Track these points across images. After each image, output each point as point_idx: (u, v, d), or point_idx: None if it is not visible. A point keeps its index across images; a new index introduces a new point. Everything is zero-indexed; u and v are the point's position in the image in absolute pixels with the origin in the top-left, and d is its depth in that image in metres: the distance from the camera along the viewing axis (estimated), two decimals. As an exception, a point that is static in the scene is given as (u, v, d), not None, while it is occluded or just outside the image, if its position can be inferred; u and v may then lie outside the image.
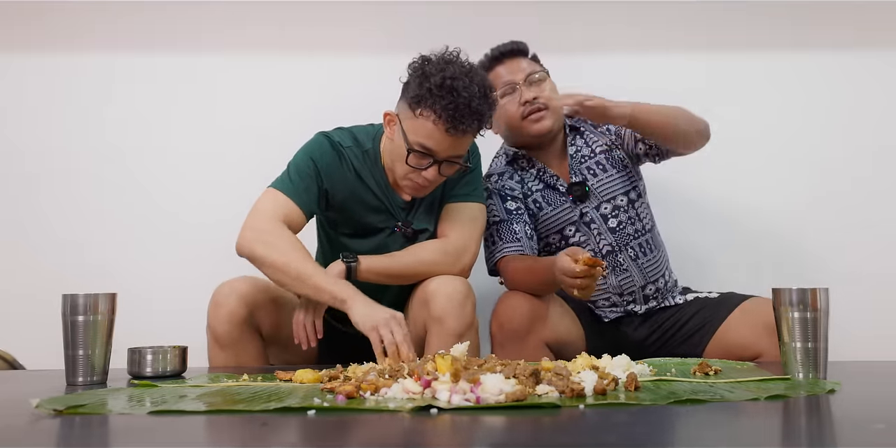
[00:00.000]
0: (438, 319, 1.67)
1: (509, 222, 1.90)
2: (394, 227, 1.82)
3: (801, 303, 1.34)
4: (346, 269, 1.70)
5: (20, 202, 2.39)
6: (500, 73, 1.92)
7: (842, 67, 2.43)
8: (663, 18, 2.42)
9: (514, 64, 1.92)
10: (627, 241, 1.92)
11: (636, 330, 1.92)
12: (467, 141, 1.69)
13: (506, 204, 1.92)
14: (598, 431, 0.94)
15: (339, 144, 1.79)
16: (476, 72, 1.66)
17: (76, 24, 2.43)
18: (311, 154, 1.77)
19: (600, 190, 1.93)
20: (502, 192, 1.94)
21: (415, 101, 1.64)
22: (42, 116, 2.42)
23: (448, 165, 1.70)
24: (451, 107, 1.59)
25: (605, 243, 1.91)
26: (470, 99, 1.60)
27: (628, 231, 1.92)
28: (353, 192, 1.79)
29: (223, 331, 1.67)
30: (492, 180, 1.98)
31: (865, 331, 2.23)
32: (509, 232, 1.89)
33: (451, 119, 1.60)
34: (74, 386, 1.38)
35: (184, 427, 1.00)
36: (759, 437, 0.93)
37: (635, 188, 1.97)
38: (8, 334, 2.13)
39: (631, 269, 1.91)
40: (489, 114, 1.66)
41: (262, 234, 1.66)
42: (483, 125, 1.67)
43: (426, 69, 1.64)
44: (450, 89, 1.60)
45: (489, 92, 1.66)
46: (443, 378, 1.13)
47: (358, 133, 1.83)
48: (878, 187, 2.40)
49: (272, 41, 2.44)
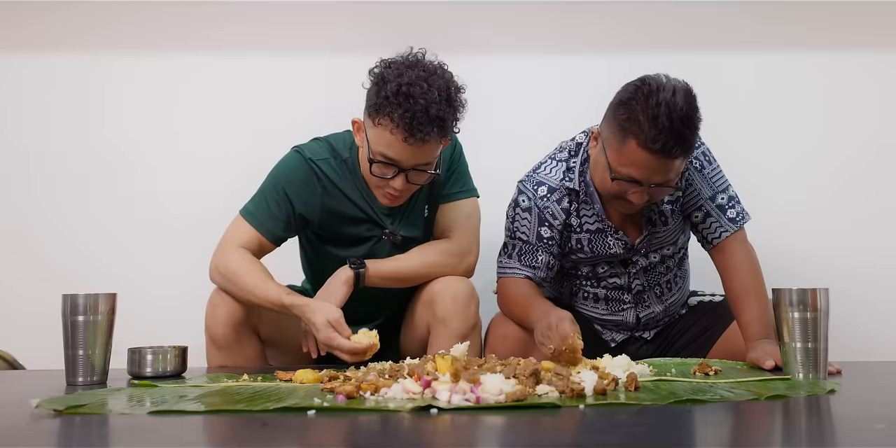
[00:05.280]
0: (443, 321, 1.67)
1: (535, 249, 1.75)
2: (381, 235, 1.77)
3: (801, 303, 1.34)
4: (354, 276, 1.68)
5: (20, 202, 2.38)
6: (648, 162, 1.54)
7: (840, 67, 2.43)
8: (662, 19, 2.41)
9: (668, 164, 1.55)
10: (658, 281, 1.84)
11: (640, 348, 1.89)
12: (431, 148, 1.59)
13: (541, 229, 1.75)
14: (598, 431, 0.94)
15: (312, 160, 1.72)
16: (439, 75, 1.57)
17: (76, 24, 2.42)
18: (280, 179, 1.72)
19: (655, 242, 1.80)
20: (542, 215, 1.75)
21: (373, 109, 1.57)
22: (42, 116, 2.42)
23: (416, 174, 1.62)
24: (408, 115, 1.52)
25: (637, 283, 1.82)
26: (428, 105, 1.52)
27: (660, 270, 1.84)
28: (331, 208, 1.74)
29: (221, 333, 1.67)
30: (538, 193, 1.75)
31: (865, 331, 2.24)
32: (531, 257, 1.76)
33: (408, 128, 1.52)
34: (74, 386, 1.38)
35: (184, 427, 1.00)
36: (759, 437, 0.93)
37: (684, 233, 1.84)
38: (8, 334, 2.13)
39: (654, 305, 1.85)
40: (452, 118, 1.58)
41: (218, 266, 1.68)
42: (447, 131, 1.58)
43: (384, 75, 1.57)
44: (406, 96, 1.52)
45: (454, 94, 1.57)
46: (443, 378, 1.13)
47: (335, 142, 1.77)
48: (879, 187, 2.39)
49: (272, 41, 2.44)
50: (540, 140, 2.02)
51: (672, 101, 1.50)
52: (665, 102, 1.49)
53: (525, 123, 2.41)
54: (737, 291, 1.68)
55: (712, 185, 1.75)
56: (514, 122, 2.41)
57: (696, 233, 1.78)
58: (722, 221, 1.73)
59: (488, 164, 2.08)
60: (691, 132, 1.53)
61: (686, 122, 1.51)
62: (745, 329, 1.63)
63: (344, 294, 1.66)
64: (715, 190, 1.75)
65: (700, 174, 1.74)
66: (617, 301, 1.85)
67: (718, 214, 1.73)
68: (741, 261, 1.71)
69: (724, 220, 1.73)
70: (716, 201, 1.74)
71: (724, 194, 1.75)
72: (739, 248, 1.72)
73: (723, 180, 1.76)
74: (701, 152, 1.75)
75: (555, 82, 2.43)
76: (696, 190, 1.75)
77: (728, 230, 1.72)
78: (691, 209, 1.76)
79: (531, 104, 2.43)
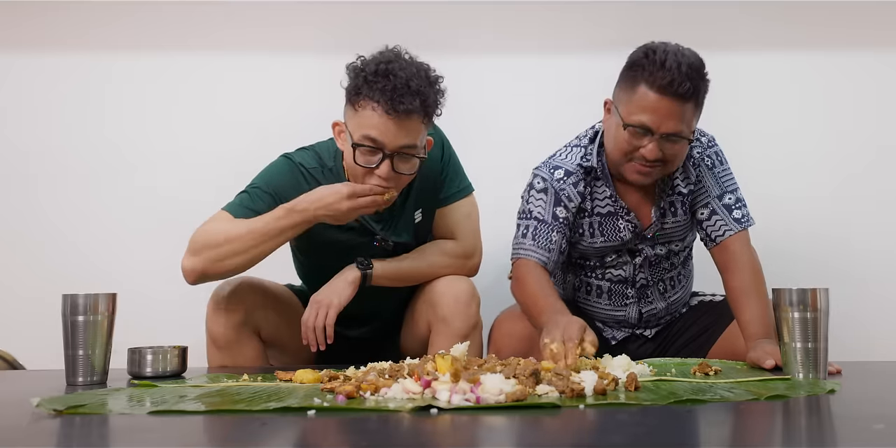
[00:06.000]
0: (444, 320, 1.67)
1: (550, 228, 1.74)
2: (372, 241, 1.75)
3: (801, 303, 1.34)
4: (361, 276, 1.67)
5: (20, 202, 2.39)
6: (659, 106, 1.57)
7: (839, 67, 2.43)
8: (662, 19, 2.41)
9: (678, 108, 1.57)
10: (662, 276, 1.85)
11: (641, 347, 1.89)
12: (413, 126, 1.55)
13: (556, 208, 1.75)
14: (598, 431, 0.94)
15: (302, 165, 1.71)
16: (417, 61, 1.58)
17: (76, 24, 2.42)
18: (269, 181, 1.70)
19: (664, 233, 1.80)
20: (559, 195, 1.75)
21: (353, 93, 1.57)
22: (42, 116, 2.42)
23: (401, 159, 1.58)
24: (389, 88, 1.51)
25: (642, 277, 1.83)
26: (408, 79, 1.52)
27: (664, 266, 1.85)
28: None
29: (221, 332, 1.67)
30: (555, 175, 1.76)
31: (865, 331, 2.24)
32: (546, 238, 1.73)
33: (389, 100, 1.51)
34: (74, 386, 1.38)
35: (184, 427, 1.00)
36: (759, 437, 0.93)
37: (692, 231, 1.85)
38: (8, 334, 2.13)
39: (656, 301, 1.86)
40: (434, 97, 1.56)
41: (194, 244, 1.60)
42: (429, 108, 1.56)
43: (360, 64, 1.58)
44: (384, 73, 1.52)
45: (433, 77, 1.58)
46: (443, 378, 1.13)
47: (321, 151, 1.75)
48: (879, 187, 2.40)
49: (273, 41, 2.44)
50: (537, 139, 2.02)
51: (679, 50, 1.58)
52: (672, 51, 1.57)
53: (523, 123, 2.41)
54: (737, 290, 1.68)
55: (721, 184, 1.77)
56: (513, 121, 2.41)
57: (701, 230, 1.79)
58: (727, 220, 1.74)
59: (484, 163, 2.08)
60: (699, 77, 1.57)
61: (694, 67, 1.56)
62: (746, 328, 1.63)
63: (349, 295, 1.65)
64: (723, 189, 1.76)
65: (711, 172, 1.77)
66: (620, 295, 1.85)
67: (724, 213, 1.75)
68: (743, 260, 1.71)
69: (730, 219, 1.74)
70: (723, 200, 1.76)
71: (732, 195, 1.76)
72: (742, 248, 1.73)
73: (732, 182, 1.78)
74: (714, 152, 1.78)
75: (550, 82, 2.43)
76: (705, 187, 1.77)
77: (732, 229, 1.73)
78: (698, 206, 1.77)
79: (527, 103, 2.43)
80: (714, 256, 1.77)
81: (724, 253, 1.74)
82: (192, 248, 1.61)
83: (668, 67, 1.54)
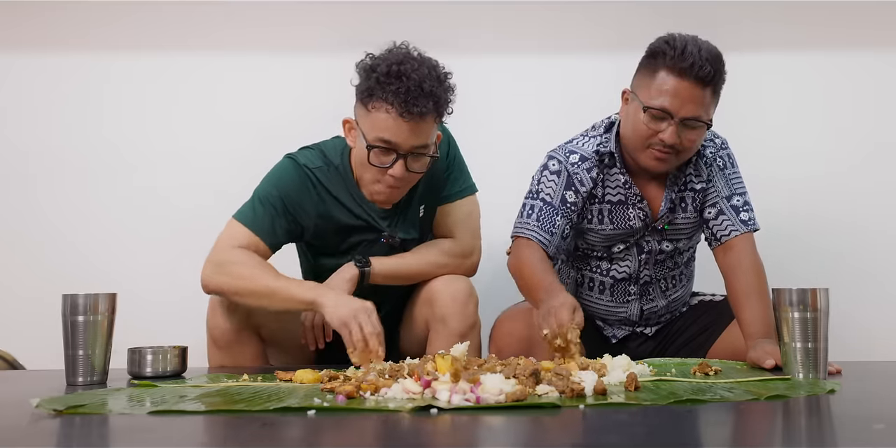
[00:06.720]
0: (442, 319, 1.67)
1: (556, 211, 1.73)
2: (380, 238, 1.75)
3: (801, 303, 1.34)
4: (359, 274, 1.68)
5: (20, 202, 2.38)
6: (679, 89, 1.60)
7: (839, 67, 2.43)
8: (662, 19, 2.41)
9: (698, 92, 1.61)
10: (665, 274, 1.85)
11: (641, 345, 1.89)
12: (427, 127, 1.58)
13: (566, 192, 1.74)
14: (598, 431, 0.94)
15: (306, 167, 1.71)
16: (426, 59, 1.59)
17: (76, 24, 2.42)
18: (277, 185, 1.70)
19: (674, 228, 1.80)
20: (572, 179, 1.75)
21: (365, 95, 1.57)
22: (42, 116, 2.42)
23: (414, 158, 1.60)
24: (402, 90, 1.52)
25: (645, 273, 1.83)
26: (421, 80, 1.53)
27: (668, 264, 1.85)
28: (327, 215, 1.73)
29: (222, 332, 1.67)
30: (570, 159, 1.76)
31: (866, 331, 2.23)
32: (550, 221, 1.73)
33: (403, 103, 1.52)
34: (74, 386, 1.38)
35: (184, 427, 1.00)
36: (759, 437, 0.93)
37: (699, 231, 1.84)
38: (8, 334, 2.13)
39: (658, 299, 1.86)
40: (445, 97, 1.58)
41: (222, 266, 1.62)
42: (441, 108, 1.58)
43: (372, 63, 1.58)
44: (397, 74, 1.53)
45: (443, 75, 1.59)
46: (443, 378, 1.13)
47: (327, 150, 1.76)
48: (879, 187, 2.39)
49: (273, 41, 2.44)
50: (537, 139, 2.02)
51: (697, 39, 1.63)
52: (691, 40, 1.62)
53: (523, 123, 2.41)
54: (739, 290, 1.69)
55: (731, 186, 1.78)
56: (513, 121, 2.41)
57: (707, 230, 1.79)
58: (734, 221, 1.75)
59: (484, 163, 2.07)
60: (718, 63, 1.61)
61: (712, 54, 1.61)
62: (746, 328, 1.63)
63: (347, 292, 1.65)
64: (732, 191, 1.77)
65: (722, 173, 1.78)
66: (622, 292, 1.85)
67: (732, 214, 1.75)
68: (746, 261, 1.71)
69: (737, 220, 1.75)
70: (731, 201, 1.76)
71: (740, 197, 1.77)
72: (747, 249, 1.73)
73: (741, 185, 1.79)
74: (727, 154, 1.80)
75: (550, 82, 2.43)
76: (715, 187, 1.78)
77: (738, 230, 1.74)
78: (707, 204, 1.78)
79: (527, 103, 2.43)
80: (717, 256, 1.77)
81: (728, 253, 1.74)
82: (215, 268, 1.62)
83: (688, 52, 1.58)
